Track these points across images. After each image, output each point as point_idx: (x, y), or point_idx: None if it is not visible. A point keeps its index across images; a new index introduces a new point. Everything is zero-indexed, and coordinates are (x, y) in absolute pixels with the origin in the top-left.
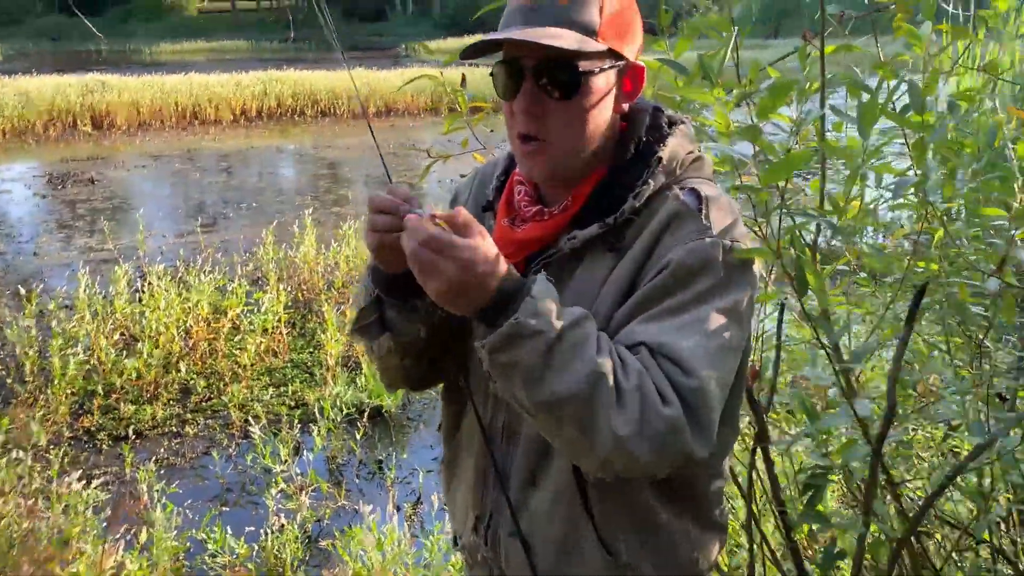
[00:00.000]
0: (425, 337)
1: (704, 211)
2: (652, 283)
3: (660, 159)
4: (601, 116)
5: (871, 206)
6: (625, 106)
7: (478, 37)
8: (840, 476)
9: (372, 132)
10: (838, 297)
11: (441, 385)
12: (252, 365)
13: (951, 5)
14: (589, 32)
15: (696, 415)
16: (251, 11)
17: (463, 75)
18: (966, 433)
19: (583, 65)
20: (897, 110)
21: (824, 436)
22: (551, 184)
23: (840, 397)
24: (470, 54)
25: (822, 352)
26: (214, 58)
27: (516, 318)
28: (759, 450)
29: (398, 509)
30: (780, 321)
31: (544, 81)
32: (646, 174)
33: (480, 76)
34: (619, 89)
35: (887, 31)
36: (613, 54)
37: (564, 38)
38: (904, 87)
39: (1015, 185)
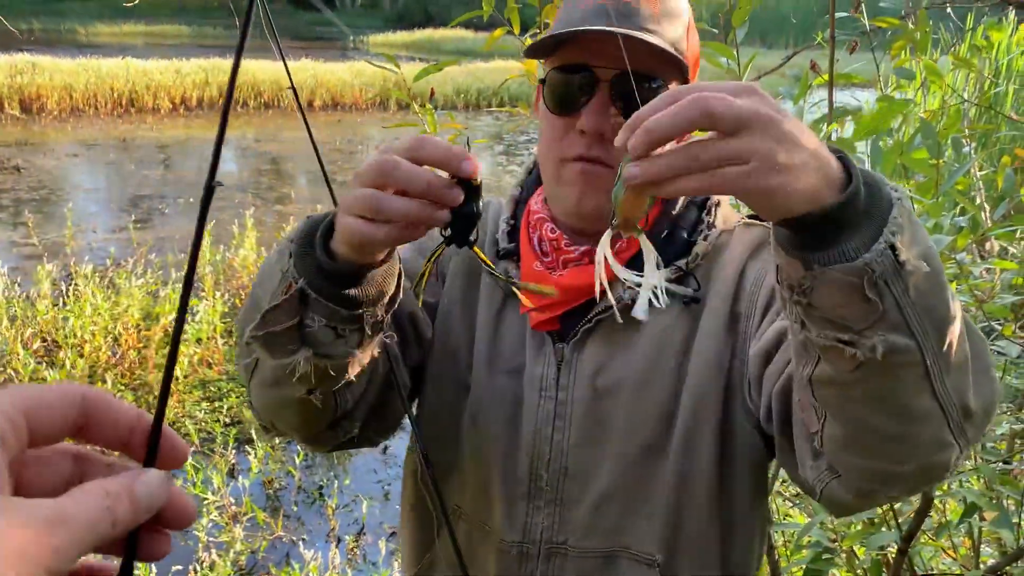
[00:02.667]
0: (357, 370)
1: None
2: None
3: (719, 202)
4: None
5: None
6: None
7: (427, 32)
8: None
9: (309, 130)
10: None
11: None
12: (185, 377)
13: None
14: (679, 51)
15: None
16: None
17: (432, 89)
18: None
19: (668, 87)
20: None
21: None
22: (593, 222)
23: None
24: (537, 51)
25: None
26: (153, 43)
27: (897, 188)
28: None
29: (339, 541)
30: None
31: (625, 99)
32: (707, 217)
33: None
34: None
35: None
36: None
37: (666, 45)
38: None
39: None
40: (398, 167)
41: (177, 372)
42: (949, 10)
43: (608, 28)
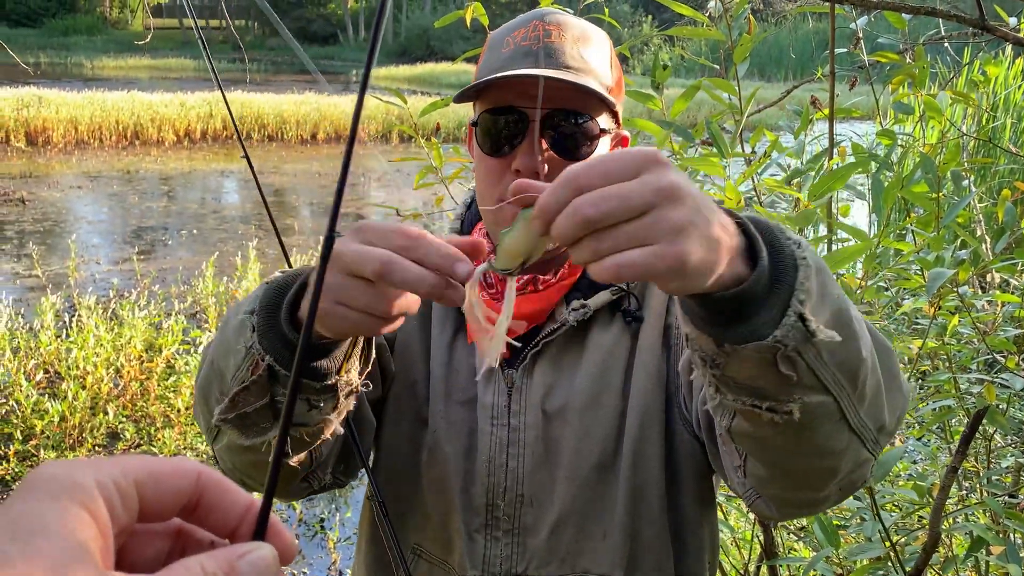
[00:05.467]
0: (332, 428)
1: None
2: None
3: None
4: None
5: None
6: None
7: (429, 67)
8: None
9: (250, 163)
10: None
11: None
12: (187, 409)
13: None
14: (603, 86)
15: None
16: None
17: (437, 123)
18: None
19: (596, 121)
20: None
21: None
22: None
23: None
24: (465, 96)
25: None
26: (158, 76)
27: (796, 240)
28: (764, 568)
29: (340, 574)
30: None
31: (555, 136)
32: None
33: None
34: None
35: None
36: (615, 117)
37: (594, 85)
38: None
39: None
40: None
41: (179, 404)
42: (947, 44)
43: (532, 72)
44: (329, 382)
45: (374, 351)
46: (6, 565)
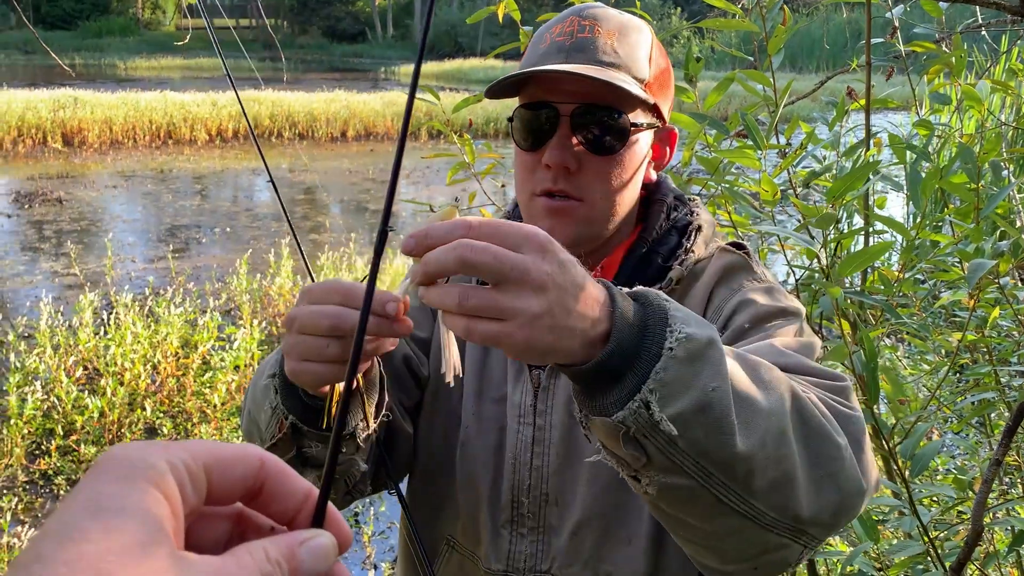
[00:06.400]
0: (361, 468)
1: (752, 261)
2: (730, 329)
3: (700, 227)
4: (636, 179)
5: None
6: (653, 174)
7: (457, 63)
8: None
9: (264, 160)
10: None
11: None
12: (223, 405)
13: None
14: (638, 81)
15: (862, 453)
16: (230, 28)
17: (470, 120)
18: None
19: (627, 117)
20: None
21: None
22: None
23: (905, 509)
24: (497, 92)
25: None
26: (190, 76)
27: (677, 330)
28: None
29: (375, 568)
30: None
31: (585, 131)
32: (686, 243)
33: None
34: (651, 153)
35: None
36: (655, 112)
37: (622, 80)
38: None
39: None
40: (337, 307)
41: (215, 399)
42: (984, 32)
43: (556, 68)
44: (345, 432)
45: (386, 393)
46: (85, 540)
